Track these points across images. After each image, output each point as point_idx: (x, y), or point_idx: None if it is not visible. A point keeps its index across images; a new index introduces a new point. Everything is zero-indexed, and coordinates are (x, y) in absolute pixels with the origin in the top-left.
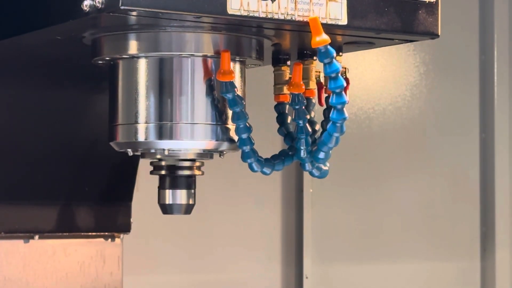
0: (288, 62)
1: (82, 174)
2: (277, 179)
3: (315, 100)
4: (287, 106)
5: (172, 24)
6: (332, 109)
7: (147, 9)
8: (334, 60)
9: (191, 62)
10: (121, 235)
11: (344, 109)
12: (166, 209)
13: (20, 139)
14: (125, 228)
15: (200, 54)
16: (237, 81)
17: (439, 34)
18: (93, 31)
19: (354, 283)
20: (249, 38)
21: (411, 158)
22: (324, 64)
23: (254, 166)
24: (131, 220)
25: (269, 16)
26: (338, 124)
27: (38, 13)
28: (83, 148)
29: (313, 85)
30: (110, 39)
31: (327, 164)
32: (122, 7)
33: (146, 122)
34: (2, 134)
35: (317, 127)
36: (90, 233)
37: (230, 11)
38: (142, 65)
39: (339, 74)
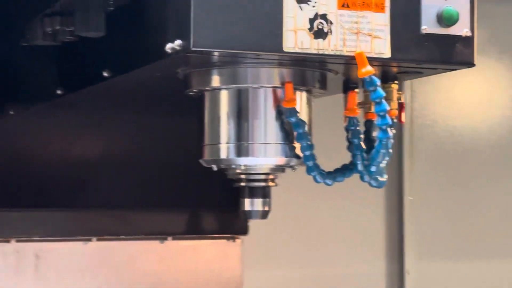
0: (357, 90)
1: (206, 185)
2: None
3: (396, 119)
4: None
5: (246, 60)
6: (379, 129)
7: (213, 49)
8: (378, 87)
9: (263, 92)
10: (240, 237)
11: (389, 129)
12: (246, 214)
13: (158, 156)
14: (244, 231)
15: (270, 85)
16: (303, 107)
17: (475, 63)
18: (184, 67)
19: (451, 278)
20: (312, 71)
21: (504, 166)
22: (370, 91)
23: (317, 178)
24: (248, 224)
25: (320, 52)
26: (384, 142)
27: (138, 54)
28: None
29: (394, 105)
30: (197, 74)
31: (385, 175)
32: (193, 48)
33: (227, 143)
34: (143, 152)
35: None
36: (214, 235)
37: (285, 49)
38: (224, 96)
39: (382, 99)
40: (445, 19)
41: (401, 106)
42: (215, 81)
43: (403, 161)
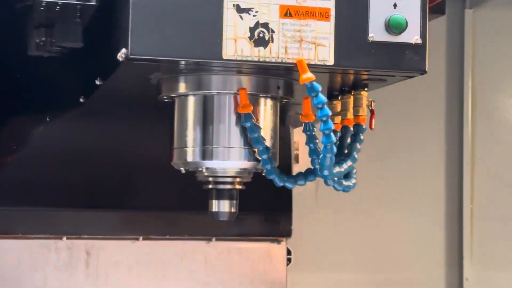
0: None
1: (250, 188)
2: (441, 195)
3: (366, 125)
4: (338, 132)
5: (210, 68)
6: (322, 134)
7: (151, 57)
8: (319, 93)
9: (227, 98)
10: (284, 239)
11: (332, 133)
12: (213, 215)
13: None
14: (287, 233)
15: (233, 92)
16: (267, 113)
17: (427, 70)
18: (155, 74)
19: (509, 286)
20: (276, 79)
21: None
22: (312, 97)
23: (277, 180)
24: (292, 227)
25: (261, 60)
26: (328, 147)
27: (109, 62)
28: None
29: (362, 112)
30: (166, 81)
31: (352, 180)
32: (131, 56)
33: (193, 146)
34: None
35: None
36: (258, 237)
37: (225, 57)
38: (190, 102)
39: (325, 105)
40: (392, 27)
41: (371, 113)
42: (182, 87)
43: (463, 169)
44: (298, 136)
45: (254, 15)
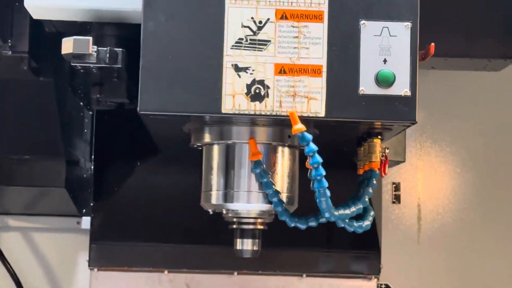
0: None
1: (339, 229)
2: None
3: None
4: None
5: (230, 121)
6: (313, 180)
7: (157, 112)
8: (310, 143)
9: (246, 147)
10: (373, 276)
11: (324, 178)
12: (238, 253)
13: None
14: (376, 271)
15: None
16: (284, 160)
17: (416, 120)
18: (186, 125)
19: None
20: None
21: None
22: (304, 146)
23: (288, 221)
24: (381, 265)
25: (257, 113)
26: (321, 191)
27: None
28: None
29: (375, 158)
30: (194, 131)
31: (366, 222)
32: (140, 112)
33: (217, 190)
34: None
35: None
36: (348, 274)
37: (224, 111)
38: (215, 150)
39: (315, 153)
40: (381, 81)
41: (385, 159)
42: (207, 137)
43: None
44: (399, 178)
45: (251, 73)
